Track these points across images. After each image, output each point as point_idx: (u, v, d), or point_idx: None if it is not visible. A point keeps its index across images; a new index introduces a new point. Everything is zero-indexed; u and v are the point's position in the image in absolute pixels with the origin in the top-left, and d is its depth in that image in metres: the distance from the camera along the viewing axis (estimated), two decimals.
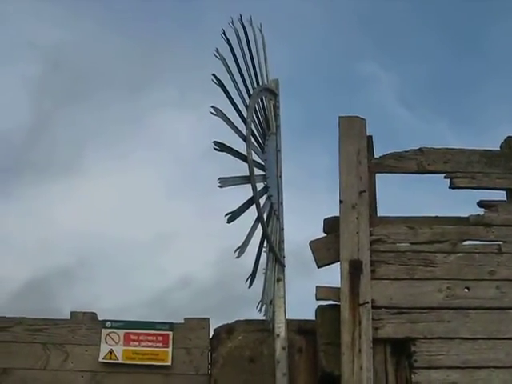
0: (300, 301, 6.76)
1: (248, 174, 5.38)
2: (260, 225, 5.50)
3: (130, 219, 15.14)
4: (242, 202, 5.30)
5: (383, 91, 18.62)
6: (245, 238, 5.22)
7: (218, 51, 5.44)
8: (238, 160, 5.36)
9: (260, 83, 6.11)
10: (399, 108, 18.59)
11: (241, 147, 5.39)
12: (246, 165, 5.40)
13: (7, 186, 15.91)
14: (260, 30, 6.30)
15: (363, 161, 6.35)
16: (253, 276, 5.30)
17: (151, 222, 15.21)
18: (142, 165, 16.44)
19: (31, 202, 15.03)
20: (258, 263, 5.50)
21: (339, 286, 6.00)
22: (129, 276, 12.63)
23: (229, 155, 5.24)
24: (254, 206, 5.40)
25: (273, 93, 6.55)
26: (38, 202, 14.88)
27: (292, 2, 15.98)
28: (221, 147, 5.16)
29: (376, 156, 6.52)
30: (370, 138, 6.51)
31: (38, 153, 16.74)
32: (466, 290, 6.11)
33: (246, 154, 5.38)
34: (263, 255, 5.73)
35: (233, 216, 5.07)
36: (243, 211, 5.25)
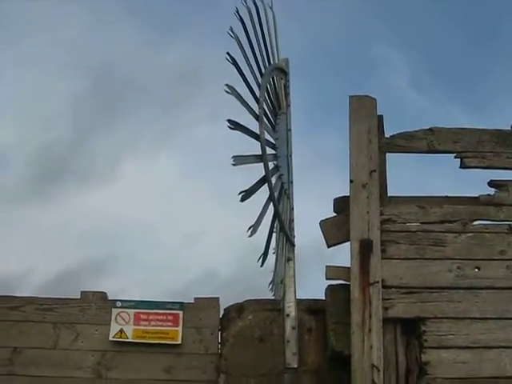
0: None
1: (260, 152, 5.37)
2: (272, 204, 5.49)
3: (161, 221, 16.45)
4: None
5: (395, 74, 18.57)
6: (257, 216, 5.22)
7: (231, 30, 5.42)
8: (249, 138, 5.35)
9: (271, 62, 6.09)
10: (411, 91, 18.54)
11: (253, 126, 5.39)
12: (258, 144, 5.38)
13: (50, 193, 18.11)
14: (271, 8, 6.26)
15: (374, 140, 6.31)
16: (265, 255, 5.32)
17: (180, 223, 16.43)
18: (173, 172, 18.11)
19: (71, 207, 15.98)
20: (270, 242, 5.52)
21: (349, 265, 6.00)
22: (156, 271, 13.22)
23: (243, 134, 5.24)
24: (266, 185, 5.39)
25: (283, 72, 6.51)
26: (78, 207, 15.76)
27: None
28: (235, 125, 5.16)
29: (386, 136, 6.49)
30: (380, 118, 6.46)
31: (79, 163, 17.80)
32: (476, 269, 6.09)
33: (258, 132, 5.37)
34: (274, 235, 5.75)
35: (246, 195, 5.07)
36: (256, 190, 5.25)
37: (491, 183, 6.36)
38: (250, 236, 5.05)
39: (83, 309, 6.51)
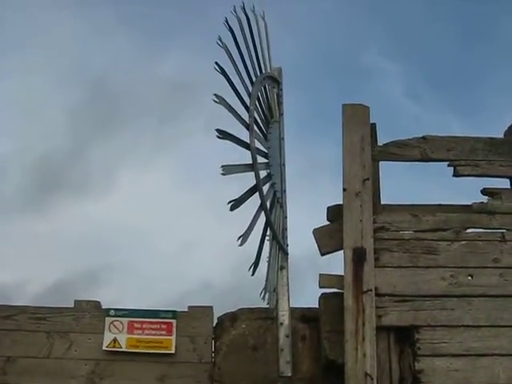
0: None
1: (251, 162, 5.36)
2: (263, 213, 5.49)
3: (157, 231, 16.47)
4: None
5: (390, 81, 18.62)
6: (248, 225, 5.22)
7: (220, 39, 5.41)
8: (241, 148, 5.35)
9: (263, 71, 6.10)
10: (405, 98, 18.57)
11: (244, 136, 5.39)
12: (249, 154, 5.38)
13: (47, 203, 18.01)
14: (263, 18, 6.28)
15: (367, 148, 6.33)
16: (256, 264, 5.31)
17: (176, 233, 16.60)
18: (169, 182, 18.20)
19: (68, 217, 16.28)
20: (262, 251, 5.51)
21: (343, 273, 6.00)
22: (151, 281, 13.30)
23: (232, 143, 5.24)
24: (257, 193, 5.39)
25: (276, 81, 6.52)
26: (74, 217, 15.97)
27: None
28: (224, 135, 5.13)
29: (379, 144, 6.51)
30: (373, 126, 6.48)
31: (76, 173, 18.10)
32: (469, 277, 6.10)
33: (248, 142, 5.37)
34: (267, 243, 5.74)
35: (236, 204, 5.06)
36: (246, 199, 5.23)
37: (484, 191, 6.38)
38: (240, 245, 5.04)
39: (77, 318, 6.49)
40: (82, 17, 17.35)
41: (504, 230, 6.24)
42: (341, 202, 6.22)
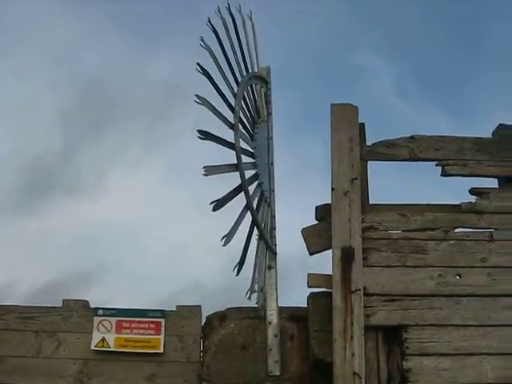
0: None
1: (236, 162, 5.35)
2: (249, 212, 5.49)
3: (148, 231, 16.71)
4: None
5: (379, 81, 18.61)
6: (232, 225, 5.21)
7: (202, 40, 5.39)
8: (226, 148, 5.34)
9: (250, 71, 6.09)
10: (395, 98, 18.59)
11: (230, 136, 5.37)
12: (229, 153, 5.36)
13: (38, 204, 18.09)
14: (250, 18, 6.27)
15: (355, 148, 6.33)
16: (241, 264, 5.30)
17: (167, 233, 16.56)
18: (159, 183, 18.32)
19: (59, 218, 16.27)
20: (247, 251, 5.51)
21: (331, 273, 6.00)
22: (142, 281, 13.42)
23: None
24: (243, 193, 5.38)
25: (264, 80, 6.53)
26: (65, 218, 15.96)
27: None
28: (206, 135, 5.11)
29: (368, 143, 6.51)
30: (362, 126, 6.48)
31: (67, 175, 18.15)
32: (457, 277, 6.11)
33: (233, 142, 5.35)
34: (254, 243, 5.74)
35: (218, 204, 5.04)
36: (230, 199, 5.23)
37: (472, 191, 6.39)
38: (223, 245, 5.03)
39: (65, 317, 6.49)
40: (74, 17, 17.41)
41: (492, 230, 6.25)
42: (329, 202, 6.22)
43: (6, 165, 16.82)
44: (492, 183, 6.46)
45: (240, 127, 5.57)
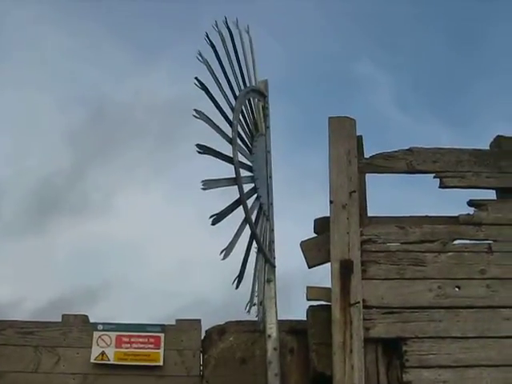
0: None
1: (234, 176, 5.36)
2: (248, 226, 5.49)
3: (153, 249, 16.81)
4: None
5: (379, 92, 18.64)
6: (231, 239, 5.21)
7: (200, 54, 5.40)
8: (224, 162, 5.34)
9: (247, 85, 6.11)
10: (394, 109, 18.61)
11: (227, 150, 5.39)
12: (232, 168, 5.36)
13: (46, 224, 18.08)
14: (247, 32, 6.29)
15: (353, 161, 6.35)
16: (240, 277, 5.29)
17: (172, 250, 16.67)
18: (165, 201, 18.33)
19: (66, 237, 16.15)
20: (246, 264, 5.50)
21: (330, 286, 6.00)
22: (147, 297, 13.51)
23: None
24: (241, 207, 5.38)
25: (262, 94, 6.54)
26: (72, 238, 15.90)
27: (288, 2, 16.09)
28: (204, 150, 5.11)
29: (366, 156, 6.52)
30: (359, 138, 6.50)
31: (75, 195, 18.20)
32: (456, 289, 6.11)
33: (232, 156, 5.36)
34: (253, 256, 5.74)
35: (217, 218, 5.04)
36: (229, 213, 5.22)
37: (471, 203, 6.39)
38: (223, 259, 5.02)
39: (64, 332, 6.51)
40: (75, 33, 17.44)
41: (491, 241, 6.26)
42: (328, 214, 6.22)
43: (15, 186, 16.97)
44: (490, 195, 6.47)
45: (238, 141, 5.58)
